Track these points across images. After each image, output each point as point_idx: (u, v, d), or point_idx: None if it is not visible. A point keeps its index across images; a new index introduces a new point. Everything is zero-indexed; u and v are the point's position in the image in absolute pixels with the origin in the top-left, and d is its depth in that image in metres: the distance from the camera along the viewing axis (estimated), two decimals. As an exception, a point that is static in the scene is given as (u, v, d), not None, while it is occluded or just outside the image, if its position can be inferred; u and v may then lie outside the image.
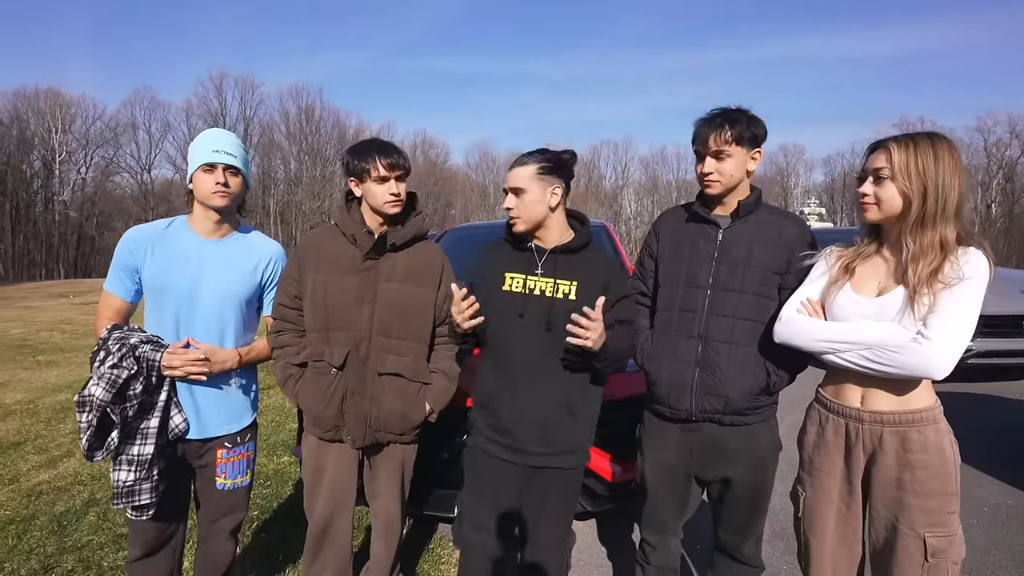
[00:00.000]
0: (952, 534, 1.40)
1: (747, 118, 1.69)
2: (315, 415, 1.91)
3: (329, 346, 1.89)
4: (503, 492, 1.83)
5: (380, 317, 1.91)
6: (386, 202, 1.88)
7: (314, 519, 1.97)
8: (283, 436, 4.45)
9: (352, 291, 1.90)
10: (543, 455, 1.77)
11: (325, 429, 1.92)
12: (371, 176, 1.86)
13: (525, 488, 1.82)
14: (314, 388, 1.90)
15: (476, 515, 1.85)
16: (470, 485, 1.90)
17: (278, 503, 3.27)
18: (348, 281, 1.90)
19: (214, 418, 1.88)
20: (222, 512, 1.95)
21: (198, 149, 1.83)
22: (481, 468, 1.85)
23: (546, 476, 1.80)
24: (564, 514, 1.87)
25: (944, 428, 1.43)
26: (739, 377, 1.70)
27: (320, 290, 1.90)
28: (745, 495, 1.79)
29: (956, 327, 1.34)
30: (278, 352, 1.94)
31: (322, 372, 1.90)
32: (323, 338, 1.90)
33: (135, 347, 1.73)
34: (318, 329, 1.91)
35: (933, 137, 1.40)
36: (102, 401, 1.64)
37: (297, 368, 1.93)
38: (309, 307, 1.91)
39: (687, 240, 1.82)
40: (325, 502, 1.96)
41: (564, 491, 1.84)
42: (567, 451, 1.78)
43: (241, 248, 1.93)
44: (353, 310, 1.90)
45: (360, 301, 1.90)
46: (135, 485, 1.71)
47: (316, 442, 1.96)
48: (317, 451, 1.96)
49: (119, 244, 1.85)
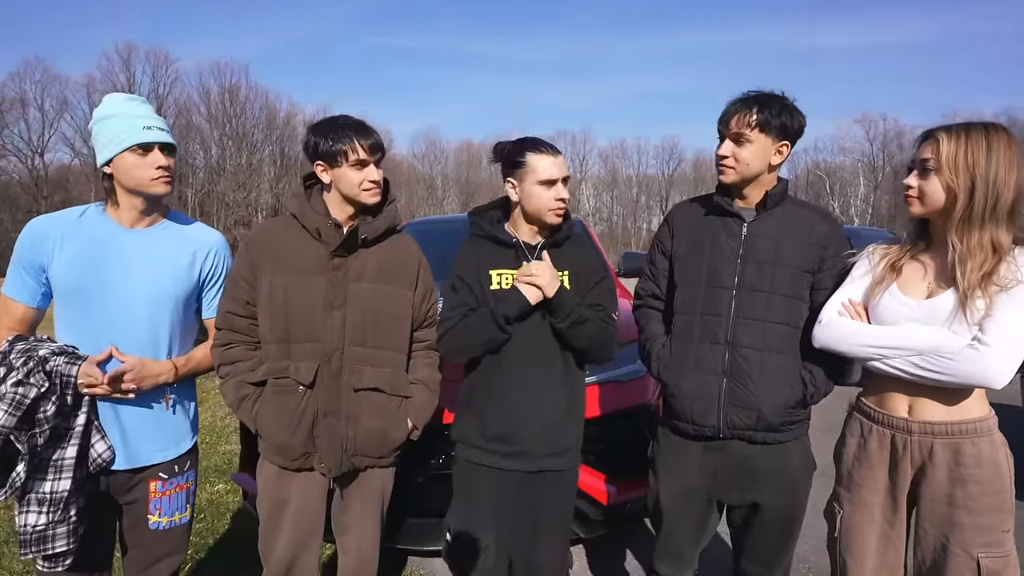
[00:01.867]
0: (1007, 554, 1.39)
1: (781, 105, 1.63)
2: (279, 442, 1.73)
3: (293, 360, 1.72)
4: (500, 504, 1.81)
5: (353, 324, 1.75)
6: (365, 190, 1.74)
7: (273, 562, 1.80)
8: (216, 460, 4.17)
9: (319, 295, 1.74)
10: (542, 457, 1.78)
11: (292, 458, 1.74)
12: (347, 160, 1.70)
13: (522, 496, 1.81)
14: (277, 410, 1.72)
15: (473, 534, 1.80)
16: (462, 503, 1.85)
17: (214, 539, 3.04)
18: (313, 283, 1.74)
19: (146, 444, 1.69)
20: (156, 556, 1.76)
21: (121, 125, 1.63)
22: (474, 483, 1.82)
23: (543, 481, 1.80)
24: (562, 525, 1.86)
25: (999, 440, 1.42)
26: (773, 388, 1.64)
27: (279, 294, 1.72)
28: (776, 520, 1.73)
29: (1016, 333, 1.32)
30: (227, 369, 1.75)
31: (286, 391, 1.72)
32: (284, 351, 1.73)
33: (45, 360, 1.52)
34: (277, 340, 1.73)
35: (989, 128, 1.38)
36: (3, 427, 1.44)
37: (253, 387, 1.74)
38: (266, 315, 1.73)
39: (707, 235, 1.74)
40: (288, 542, 1.78)
41: (561, 496, 1.83)
42: (564, 451, 1.81)
43: (173, 239, 1.75)
44: (321, 317, 1.73)
45: (329, 306, 1.74)
46: (47, 530, 1.51)
47: (276, 471, 1.78)
48: (278, 481, 1.78)
49: (20, 239, 1.65)
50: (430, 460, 2.40)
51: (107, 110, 1.65)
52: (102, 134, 1.64)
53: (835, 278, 1.63)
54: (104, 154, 1.63)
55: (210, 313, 1.83)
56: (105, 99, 1.70)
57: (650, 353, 1.84)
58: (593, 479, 2.44)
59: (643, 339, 1.89)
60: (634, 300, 1.98)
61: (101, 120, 1.65)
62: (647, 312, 1.92)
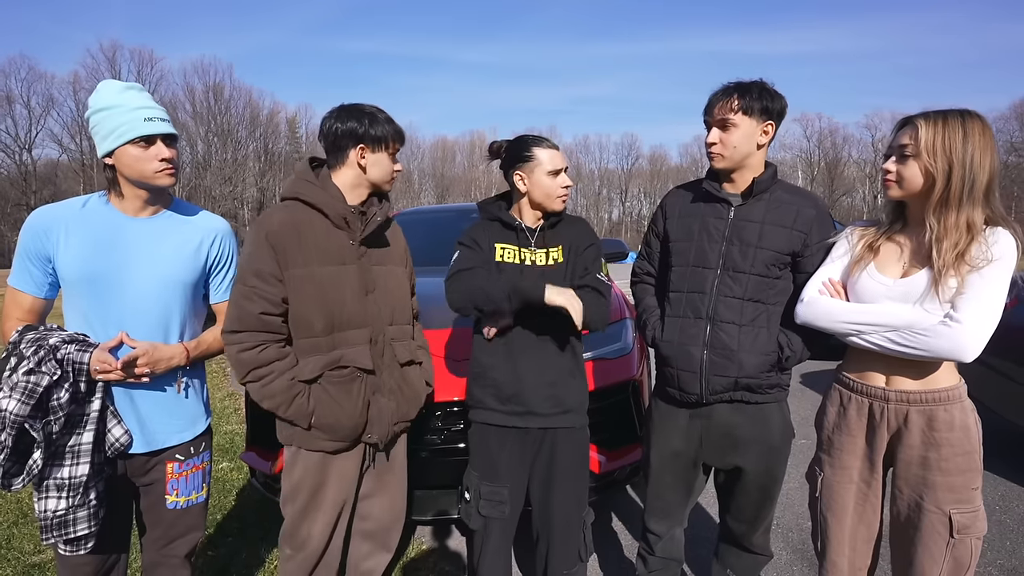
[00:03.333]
0: (976, 510, 1.40)
1: (759, 89, 1.61)
2: (347, 427, 1.65)
3: (342, 348, 1.65)
4: (514, 460, 1.82)
5: (384, 305, 1.73)
6: (392, 179, 1.74)
7: (311, 547, 1.71)
8: (219, 439, 4.03)
9: (354, 282, 1.67)
10: (551, 415, 1.78)
11: (352, 438, 1.68)
12: (389, 148, 1.69)
13: (535, 453, 1.82)
14: (338, 400, 1.63)
15: (490, 490, 1.81)
16: (479, 462, 1.86)
17: (222, 515, 2.93)
18: (347, 272, 1.66)
19: (162, 427, 1.60)
20: (174, 535, 1.67)
21: (119, 117, 1.49)
22: (488, 442, 1.83)
23: (554, 438, 1.80)
24: (576, 481, 1.84)
25: (969, 406, 1.42)
26: (749, 357, 1.64)
27: (315, 286, 1.62)
28: (756, 483, 1.74)
29: (986, 309, 1.32)
30: (262, 371, 1.58)
31: (346, 380, 1.64)
32: (331, 342, 1.64)
33: (56, 348, 1.41)
34: (325, 332, 1.63)
35: (965, 114, 1.36)
36: (18, 416, 1.33)
37: (304, 384, 1.62)
38: (302, 309, 1.62)
39: (697, 219, 1.73)
40: (327, 525, 1.71)
41: (573, 454, 1.82)
42: (571, 409, 1.81)
43: (179, 225, 1.64)
44: (361, 303, 1.68)
45: (364, 291, 1.69)
46: (68, 514, 1.41)
47: (320, 457, 1.68)
48: (321, 467, 1.69)
49: (23, 230, 1.53)
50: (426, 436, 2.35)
51: (105, 100, 1.50)
52: (102, 125, 1.50)
53: (819, 259, 1.62)
54: (105, 146, 1.50)
55: (218, 298, 1.72)
56: (100, 87, 1.54)
57: (645, 324, 1.84)
58: (583, 449, 2.42)
59: (640, 311, 1.92)
60: (631, 277, 2.00)
61: (99, 111, 1.50)
62: (643, 287, 1.95)
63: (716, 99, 1.63)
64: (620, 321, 2.72)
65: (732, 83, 1.63)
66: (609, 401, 2.47)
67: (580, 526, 1.83)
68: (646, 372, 2.74)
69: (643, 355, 2.73)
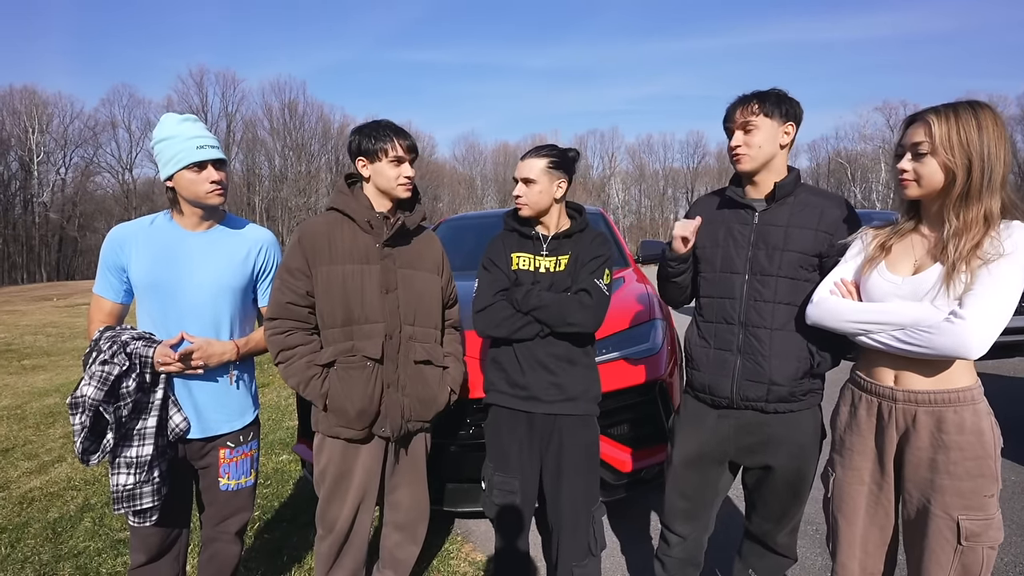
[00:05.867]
0: (989, 518, 1.35)
1: (776, 94, 1.65)
2: (356, 410, 1.80)
3: (357, 340, 1.82)
4: (524, 450, 1.89)
5: (405, 305, 1.87)
6: (400, 184, 1.85)
7: (337, 528, 1.89)
8: (280, 434, 4.36)
9: (375, 280, 1.84)
10: (554, 402, 1.86)
11: (363, 425, 1.83)
12: (387, 156, 1.82)
13: (545, 444, 1.89)
14: (349, 383, 1.80)
15: (502, 480, 1.90)
16: (493, 449, 1.95)
17: (279, 502, 3.19)
18: (369, 271, 1.84)
19: (215, 416, 1.80)
20: (227, 513, 1.88)
21: (176, 146, 1.71)
22: (501, 426, 1.93)
23: (560, 425, 1.87)
24: (585, 474, 1.88)
25: (984, 409, 1.37)
26: (783, 363, 1.63)
27: (337, 282, 1.81)
28: (785, 483, 1.72)
29: (992, 305, 1.28)
30: (288, 353, 1.80)
31: (355, 367, 1.81)
32: (347, 333, 1.82)
33: (126, 344, 1.66)
34: (341, 324, 1.82)
35: (975, 105, 1.32)
36: (94, 400, 1.56)
37: (320, 368, 1.81)
38: (325, 301, 1.81)
39: (722, 226, 1.76)
40: (351, 506, 1.88)
41: (581, 446, 1.87)
42: (575, 397, 1.87)
43: (229, 237, 1.85)
44: (379, 300, 1.83)
45: (384, 290, 1.84)
46: (135, 489, 1.63)
47: (342, 445, 1.86)
48: (343, 455, 1.87)
49: (104, 245, 1.78)
50: (458, 431, 2.47)
51: (165, 132, 1.73)
52: (163, 154, 1.73)
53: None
54: (166, 171, 1.73)
55: (265, 301, 1.91)
56: (162, 120, 1.77)
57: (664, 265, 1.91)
58: (612, 449, 2.46)
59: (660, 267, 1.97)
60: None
61: (161, 141, 1.74)
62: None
63: (735, 106, 1.68)
64: (650, 321, 2.75)
65: (749, 92, 1.68)
66: (636, 400, 2.51)
67: (589, 520, 1.87)
68: (677, 373, 2.75)
69: (673, 356, 2.74)
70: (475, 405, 2.36)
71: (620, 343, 2.59)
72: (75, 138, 43.49)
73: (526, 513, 1.93)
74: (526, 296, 1.84)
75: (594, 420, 1.93)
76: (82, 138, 43.64)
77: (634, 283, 3.30)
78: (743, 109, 1.65)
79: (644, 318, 2.76)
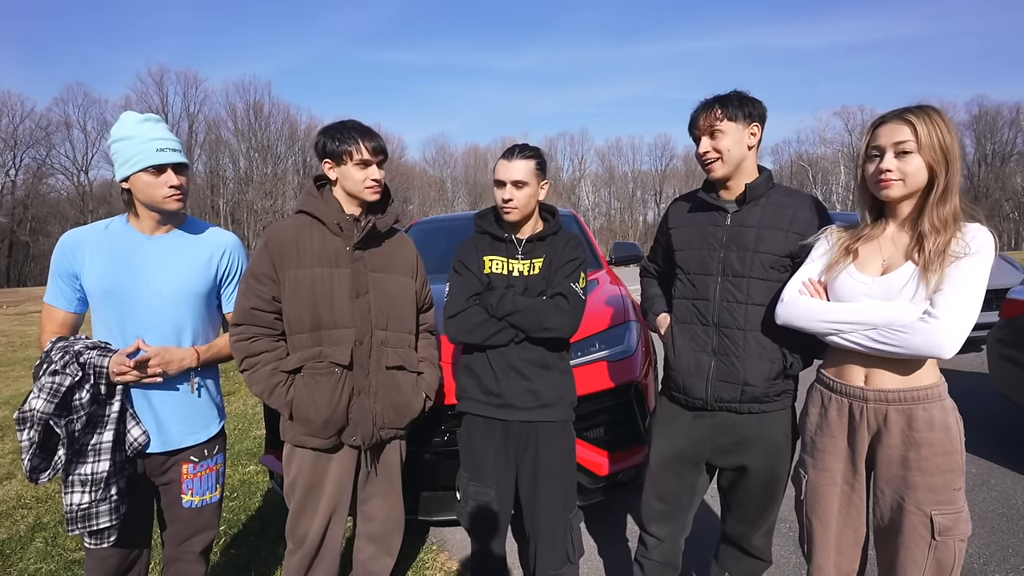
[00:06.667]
0: (959, 511, 1.38)
1: (738, 96, 1.66)
2: (321, 420, 1.74)
3: (325, 345, 1.76)
4: (500, 459, 1.86)
5: (377, 309, 1.82)
6: (367, 188, 1.79)
7: (308, 542, 1.83)
8: (248, 444, 4.22)
9: (345, 284, 1.78)
10: (528, 409, 1.83)
11: (329, 434, 1.77)
12: (352, 159, 1.75)
13: (520, 452, 1.86)
14: (315, 391, 1.74)
15: (477, 490, 1.87)
16: (467, 459, 1.92)
17: (246, 516, 3.08)
18: (339, 274, 1.78)
19: (177, 428, 1.72)
20: (190, 532, 1.79)
21: (135, 147, 1.63)
22: (475, 435, 1.89)
23: (536, 432, 1.85)
24: (561, 480, 1.86)
25: (949, 405, 1.41)
26: (756, 364, 1.64)
27: (305, 287, 1.75)
28: (759, 483, 1.73)
29: (964, 305, 1.31)
30: (253, 360, 1.74)
31: (323, 373, 1.75)
32: (315, 338, 1.76)
33: (79, 353, 1.57)
34: (309, 329, 1.76)
35: (937, 109, 1.38)
36: (43, 414, 1.48)
37: (285, 375, 1.75)
38: (293, 306, 1.75)
39: (696, 228, 1.77)
40: (322, 519, 1.82)
41: (557, 453, 1.85)
42: (550, 403, 1.85)
43: (190, 241, 1.77)
44: (349, 304, 1.77)
45: (355, 294, 1.78)
46: (91, 508, 1.55)
47: (312, 456, 1.80)
48: (314, 465, 1.80)
49: (55, 251, 1.69)
50: (432, 439, 2.43)
51: (123, 131, 1.65)
52: (120, 154, 1.65)
53: None
54: (121, 172, 1.65)
55: (230, 307, 1.84)
56: (121, 118, 1.68)
57: (647, 311, 1.96)
58: (588, 452, 2.45)
59: (644, 299, 2.04)
60: (640, 273, 2.11)
61: (118, 140, 1.65)
62: (648, 280, 2.05)
63: (699, 113, 1.68)
64: (624, 324, 2.75)
65: (710, 97, 1.68)
66: (612, 403, 2.51)
67: (567, 527, 1.85)
68: (652, 375, 2.76)
69: (648, 358, 2.75)
70: (450, 411, 2.32)
71: (595, 345, 2.58)
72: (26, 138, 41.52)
73: (502, 522, 1.90)
74: (501, 301, 1.80)
75: (570, 426, 1.91)
76: (34, 138, 41.69)
77: (608, 285, 3.31)
78: (707, 115, 1.66)
79: (619, 320, 2.76)
